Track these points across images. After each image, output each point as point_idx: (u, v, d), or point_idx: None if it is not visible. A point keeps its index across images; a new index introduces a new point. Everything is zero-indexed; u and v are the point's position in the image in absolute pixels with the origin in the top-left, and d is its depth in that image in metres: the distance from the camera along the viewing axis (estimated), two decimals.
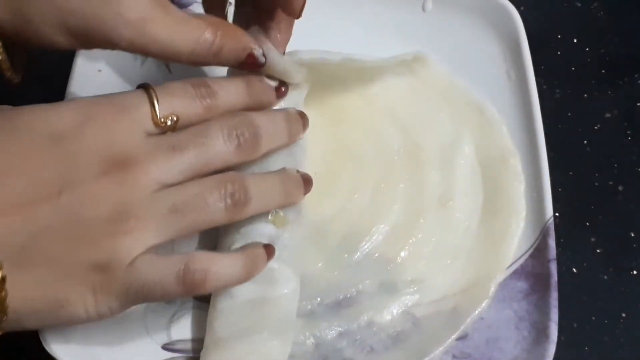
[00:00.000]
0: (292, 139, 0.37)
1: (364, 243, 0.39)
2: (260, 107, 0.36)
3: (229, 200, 0.32)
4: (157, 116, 0.32)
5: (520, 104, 0.42)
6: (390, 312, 0.38)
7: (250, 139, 0.33)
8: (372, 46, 0.44)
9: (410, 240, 0.39)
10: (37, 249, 0.28)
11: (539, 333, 0.36)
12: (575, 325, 0.40)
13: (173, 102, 0.32)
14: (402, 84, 0.44)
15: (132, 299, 0.30)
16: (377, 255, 0.39)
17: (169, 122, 0.32)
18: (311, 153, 0.40)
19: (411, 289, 0.38)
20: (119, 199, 0.30)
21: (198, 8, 0.44)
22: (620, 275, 0.41)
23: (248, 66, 0.35)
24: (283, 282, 0.35)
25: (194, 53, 0.33)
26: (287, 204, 0.36)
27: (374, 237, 0.39)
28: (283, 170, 0.36)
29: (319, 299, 0.38)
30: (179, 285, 0.30)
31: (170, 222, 0.31)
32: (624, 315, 0.40)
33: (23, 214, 0.28)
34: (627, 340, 0.40)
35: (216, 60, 0.34)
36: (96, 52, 0.40)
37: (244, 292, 0.34)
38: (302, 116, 0.37)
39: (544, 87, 0.46)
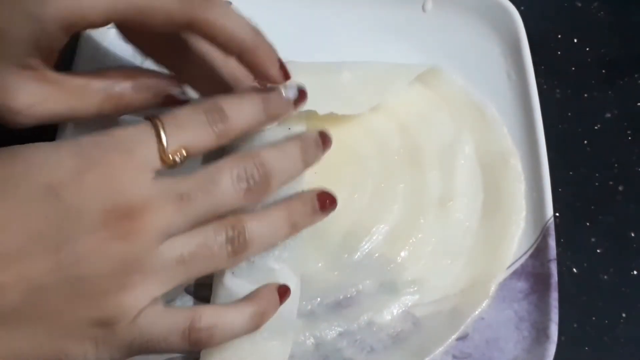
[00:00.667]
0: (308, 166, 0.35)
1: (364, 243, 0.39)
2: (276, 121, 0.35)
3: (229, 248, 0.31)
4: (165, 153, 0.30)
5: (521, 104, 0.42)
6: (391, 312, 0.38)
7: (260, 182, 0.32)
8: (371, 46, 0.44)
9: (411, 240, 0.39)
10: (32, 306, 0.27)
11: (539, 333, 0.36)
12: (575, 325, 0.40)
13: (182, 135, 0.31)
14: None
15: (136, 351, 0.29)
16: (377, 255, 0.39)
17: (177, 159, 0.30)
18: None
19: (411, 289, 0.38)
20: (123, 253, 0.28)
21: None
22: (620, 275, 0.41)
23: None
24: (283, 282, 0.35)
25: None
26: (294, 234, 0.34)
27: (374, 237, 0.39)
28: (290, 201, 0.34)
29: (319, 299, 0.38)
30: (184, 342, 0.30)
31: (176, 274, 0.30)
32: (624, 315, 0.40)
33: (18, 270, 0.26)
34: (628, 341, 0.40)
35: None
36: (95, 53, 0.41)
37: (245, 292, 0.34)
38: (323, 138, 0.36)
39: (544, 87, 0.46)
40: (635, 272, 0.42)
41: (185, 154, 0.30)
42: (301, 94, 0.35)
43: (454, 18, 0.44)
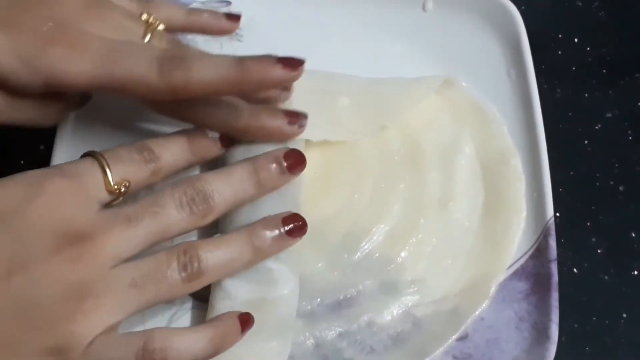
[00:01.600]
0: (263, 189, 0.35)
1: (364, 243, 0.39)
2: (205, 161, 0.36)
3: (183, 274, 0.31)
4: (110, 183, 0.31)
5: (521, 103, 0.42)
6: (391, 313, 0.38)
7: (201, 204, 0.32)
8: (371, 46, 0.44)
9: (411, 241, 0.39)
10: None
11: (540, 333, 0.36)
12: (576, 325, 0.40)
13: (123, 169, 0.32)
14: None
15: None
16: (377, 255, 0.39)
17: (122, 189, 0.32)
18: (311, 153, 0.40)
19: (411, 289, 0.38)
20: (75, 278, 0.28)
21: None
22: (621, 275, 0.41)
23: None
24: (282, 282, 0.35)
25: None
26: (259, 260, 0.35)
27: (374, 237, 0.39)
28: (253, 226, 0.34)
29: (318, 299, 0.37)
30: None
31: (130, 299, 0.30)
32: (624, 315, 0.40)
33: None
34: (628, 341, 0.40)
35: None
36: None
37: (243, 292, 0.34)
38: (293, 158, 0.36)
39: (545, 86, 0.46)
40: (635, 272, 0.42)
41: (128, 185, 0.32)
42: (225, 139, 0.36)
43: (455, 18, 0.44)
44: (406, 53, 0.44)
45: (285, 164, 0.35)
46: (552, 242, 0.38)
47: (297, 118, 0.37)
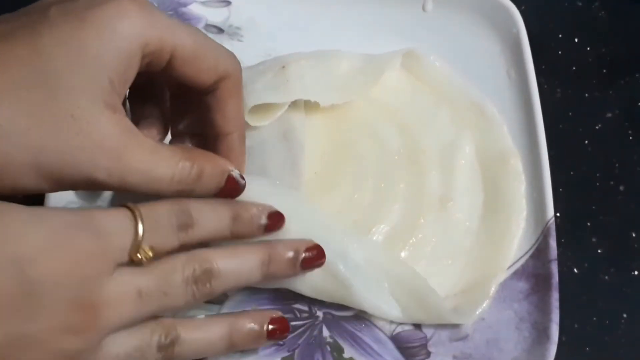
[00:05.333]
0: (269, 278, 0.34)
1: None
2: (239, 239, 0.34)
3: (160, 355, 0.31)
4: (136, 251, 0.29)
5: (521, 103, 0.42)
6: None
7: (209, 289, 0.32)
8: (372, 46, 0.44)
9: (411, 241, 0.39)
10: None
11: (540, 333, 0.36)
12: (576, 325, 0.40)
13: (154, 234, 0.30)
14: (402, 84, 0.44)
15: None
16: (381, 253, 0.39)
17: (143, 259, 0.30)
18: (311, 153, 0.40)
19: None
20: (72, 348, 0.28)
21: (197, 8, 0.44)
22: (621, 275, 0.41)
23: (228, 192, 0.33)
24: None
25: (174, 179, 0.31)
26: (231, 351, 0.35)
27: (374, 237, 0.39)
28: (237, 317, 0.34)
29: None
30: None
31: None
32: (625, 315, 0.40)
33: None
34: (628, 341, 0.40)
35: (198, 186, 0.32)
36: None
37: None
38: (309, 250, 0.35)
39: (545, 86, 0.46)
40: (636, 272, 0.41)
41: (151, 255, 0.30)
42: (274, 220, 0.35)
43: (454, 18, 0.44)
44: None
45: (302, 256, 0.35)
46: (553, 242, 0.38)
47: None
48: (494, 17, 0.43)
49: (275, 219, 0.35)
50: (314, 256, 0.35)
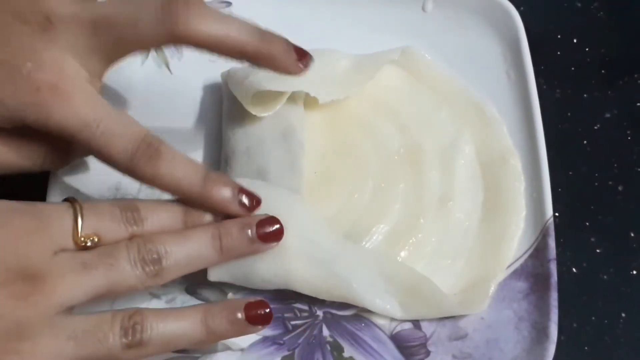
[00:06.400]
0: (227, 256, 0.34)
1: (364, 243, 0.39)
2: None
3: (124, 340, 0.30)
4: (78, 235, 0.31)
5: (520, 103, 0.42)
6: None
7: (153, 265, 0.31)
8: (372, 46, 0.44)
9: (411, 240, 0.39)
10: None
11: (539, 333, 0.36)
12: (575, 325, 0.40)
13: (97, 223, 0.31)
14: (402, 84, 0.44)
15: None
16: (379, 253, 0.39)
17: (88, 243, 0.31)
18: (311, 153, 0.40)
19: None
20: (18, 316, 0.28)
21: None
22: (620, 275, 0.41)
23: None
24: None
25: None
26: (211, 341, 0.33)
27: (374, 237, 0.39)
28: (212, 304, 0.33)
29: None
30: None
31: (65, 349, 0.29)
32: (624, 315, 0.40)
33: None
34: (627, 341, 0.40)
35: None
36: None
37: None
38: (263, 225, 0.34)
39: (544, 87, 0.46)
40: (635, 272, 0.42)
41: (96, 240, 0.31)
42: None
43: (454, 18, 0.44)
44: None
45: (256, 232, 0.34)
46: (552, 242, 0.38)
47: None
48: (494, 18, 0.44)
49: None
50: (271, 228, 0.34)
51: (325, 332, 0.37)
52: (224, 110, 0.42)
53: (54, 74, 0.31)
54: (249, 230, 0.34)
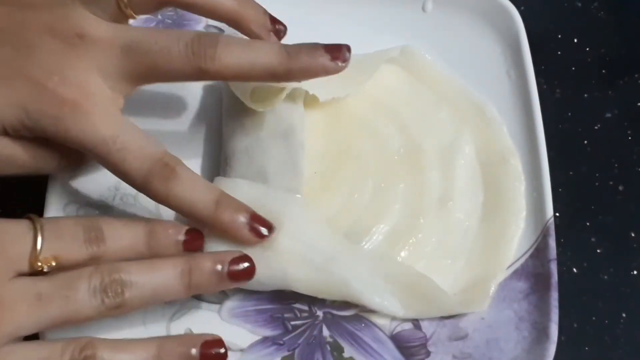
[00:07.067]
0: (195, 292, 0.33)
1: (364, 243, 0.39)
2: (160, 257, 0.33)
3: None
4: (36, 259, 0.30)
5: (521, 103, 0.42)
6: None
7: (114, 297, 0.30)
8: (372, 46, 0.44)
9: (411, 240, 0.39)
10: None
11: (540, 333, 0.36)
12: (575, 325, 0.40)
13: (57, 245, 0.31)
14: (402, 84, 0.44)
15: None
16: (378, 253, 0.39)
17: (45, 268, 0.30)
18: (311, 153, 0.40)
19: None
20: None
21: None
22: (620, 275, 0.41)
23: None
24: None
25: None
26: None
27: (374, 237, 0.39)
28: (167, 339, 0.32)
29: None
30: None
31: None
32: (624, 315, 0.40)
33: None
34: (628, 341, 0.40)
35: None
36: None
37: None
38: (235, 263, 0.33)
39: (544, 87, 0.46)
40: (635, 272, 0.42)
41: (54, 264, 0.30)
42: (192, 236, 0.34)
43: (454, 18, 0.44)
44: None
45: (227, 270, 0.32)
46: (552, 242, 0.38)
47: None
48: (494, 18, 0.44)
49: (194, 236, 0.34)
50: (242, 267, 0.33)
51: (325, 332, 0.37)
52: (224, 110, 0.42)
53: (77, 91, 0.32)
54: (220, 267, 0.33)
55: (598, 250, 0.42)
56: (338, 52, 0.35)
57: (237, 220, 0.34)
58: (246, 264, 0.33)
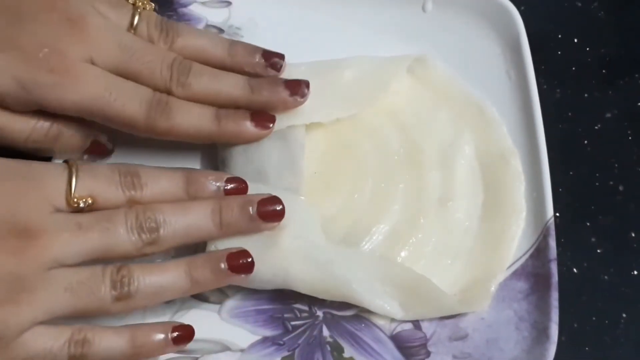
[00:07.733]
0: (226, 231, 0.34)
1: (364, 243, 0.39)
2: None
3: (113, 292, 0.31)
4: (70, 195, 0.31)
5: (521, 103, 0.42)
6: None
7: (149, 233, 0.32)
8: (371, 47, 0.44)
9: (411, 240, 0.39)
10: None
11: (540, 333, 0.36)
12: (575, 325, 0.40)
13: (92, 185, 0.32)
14: (401, 84, 0.44)
15: None
16: (377, 255, 0.39)
17: (81, 204, 0.32)
18: (311, 153, 0.40)
19: None
20: (12, 268, 0.29)
21: (198, 8, 0.44)
22: (620, 275, 0.41)
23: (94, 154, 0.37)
24: None
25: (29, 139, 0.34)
26: (197, 291, 0.34)
27: (374, 237, 0.39)
28: (194, 257, 0.34)
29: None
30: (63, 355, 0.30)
31: (62, 301, 0.30)
32: (624, 315, 0.40)
33: None
34: (628, 341, 0.40)
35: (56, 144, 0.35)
36: None
37: None
38: (265, 204, 0.34)
39: (544, 87, 0.46)
40: (635, 272, 0.42)
41: (90, 202, 0.32)
42: (237, 183, 0.35)
43: (454, 18, 0.44)
44: (405, 53, 0.44)
45: (257, 210, 0.34)
46: (552, 242, 0.38)
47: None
48: (494, 18, 0.44)
49: (238, 182, 0.35)
50: (272, 207, 0.34)
51: (326, 332, 0.37)
52: None
53: (68, 60, 0.33)
54: (250, 208, 0.34)
55: (598, 250, 0.42)
56: (297, 88, 0.37)
57: (242, 126, 0.36)
58: (278, 206, 0.35)
